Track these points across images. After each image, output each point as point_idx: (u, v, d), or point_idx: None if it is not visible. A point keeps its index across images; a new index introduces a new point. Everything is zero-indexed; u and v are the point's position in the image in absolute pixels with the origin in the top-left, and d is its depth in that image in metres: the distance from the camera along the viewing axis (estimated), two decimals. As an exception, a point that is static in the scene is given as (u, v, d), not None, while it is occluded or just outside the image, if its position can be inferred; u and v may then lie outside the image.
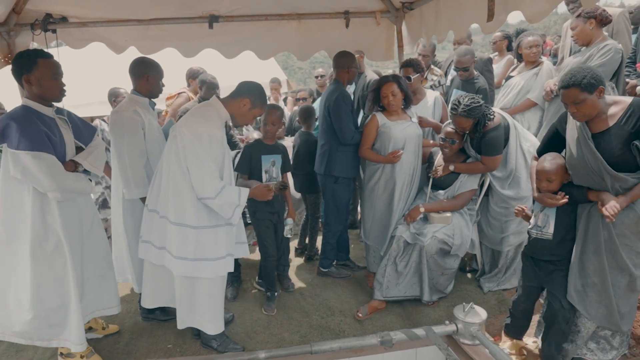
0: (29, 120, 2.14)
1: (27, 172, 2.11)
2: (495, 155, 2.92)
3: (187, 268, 2.40)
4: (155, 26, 3.59)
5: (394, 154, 2.99)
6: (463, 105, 2.76)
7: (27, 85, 2.18)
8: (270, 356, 2.18)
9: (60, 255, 2.28)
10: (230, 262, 2.49)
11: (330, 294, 3.30)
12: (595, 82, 1.95)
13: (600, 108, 2.01)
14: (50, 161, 2.14)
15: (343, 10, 3.82)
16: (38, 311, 2.30)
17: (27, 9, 3.19)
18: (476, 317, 2.34)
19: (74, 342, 2.36)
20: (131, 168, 2.56)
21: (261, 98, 2.46)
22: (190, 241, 2.37)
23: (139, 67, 2.66)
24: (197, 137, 2.26)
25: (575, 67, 2.04)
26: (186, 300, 2.51)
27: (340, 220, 3.44)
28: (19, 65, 2.15)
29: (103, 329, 2.83)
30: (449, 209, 3.00)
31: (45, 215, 2.24)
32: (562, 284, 2.28)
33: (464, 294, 3.20)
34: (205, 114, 2.37)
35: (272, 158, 3.01)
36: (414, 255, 2.93)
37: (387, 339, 2.25)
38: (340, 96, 3.18)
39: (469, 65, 3.70)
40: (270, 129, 3.00)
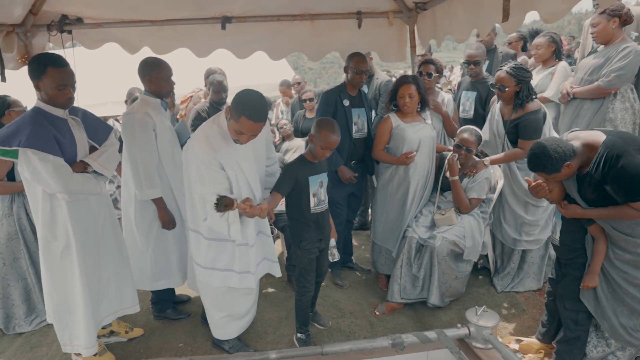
0: (38, 122, 2.16)
1: (35, 173, 2.14)
2: (534, 138, 2.82)
3: (200, 273, 2.46)
4: (168, 27, 3.62)
5: (406, 155, 2.98)
6: (511, 64, 2.82)
7: (37, 89, 2.22)
8: (282, 357, 2.18)
9: (70, 257, 2.30)
10: (247, 279, 2.44)
11: (340, 295, 3.29)
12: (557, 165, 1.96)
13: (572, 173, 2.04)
14: (56, 163, 2.15)
15: (355, 11, 3.80)
16: (52, 310, 2.35)
17: (44, 10, 3.23)
18: (489, 320, 2.31)
19: (83, 345, 2.38)
20: (143, 169, 2.58)
21: (236, 107, 2.12)
22: (203, 249, 2.41)
23: (141, 69, 2.68)
24: (187, 161, 2.28)
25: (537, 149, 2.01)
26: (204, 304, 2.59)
27: (336, 221, 3.40)
28: (31, 71, 2.19)
29: (126, 332, 2.84)
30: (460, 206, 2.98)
31: (55, 214, 2.26)
32: (568, 285, 2.30)
33: (476, 296, 3.17)
34: (203, 132, 2.27)
35: (319, 179, 2.53)
36: (426, 258, 2.91)
37: (399, 341, 2.23)
38: (324, 95, 3.30)
39: (479, 59, 3.64)
40: (326, 155, 2.46)
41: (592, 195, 2.05)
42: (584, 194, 2.08)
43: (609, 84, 3.15)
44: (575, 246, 2.27)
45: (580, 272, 2.26)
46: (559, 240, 2.32)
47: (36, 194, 2.25)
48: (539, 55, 3.69)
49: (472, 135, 2.94)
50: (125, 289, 2.60)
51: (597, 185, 2.00)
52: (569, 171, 2.01)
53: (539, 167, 2.03)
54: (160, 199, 2.65)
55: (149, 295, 3.06)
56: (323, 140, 2.38)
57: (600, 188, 1.99)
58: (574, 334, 2.29)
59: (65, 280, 2.33)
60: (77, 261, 2.30)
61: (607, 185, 1.95)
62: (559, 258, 2.41)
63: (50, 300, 2.37)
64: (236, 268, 2.41)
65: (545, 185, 2.14)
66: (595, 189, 2.01)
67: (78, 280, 2.32)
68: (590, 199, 2.07)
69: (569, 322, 2.30)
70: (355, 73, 3.14)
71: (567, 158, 1.96)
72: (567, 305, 2.30)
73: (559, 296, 2.35)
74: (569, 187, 2.14)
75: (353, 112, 3.20)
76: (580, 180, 2.07)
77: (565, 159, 1.96)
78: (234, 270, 2.41)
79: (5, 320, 2.96)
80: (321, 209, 2.55)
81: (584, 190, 2.07)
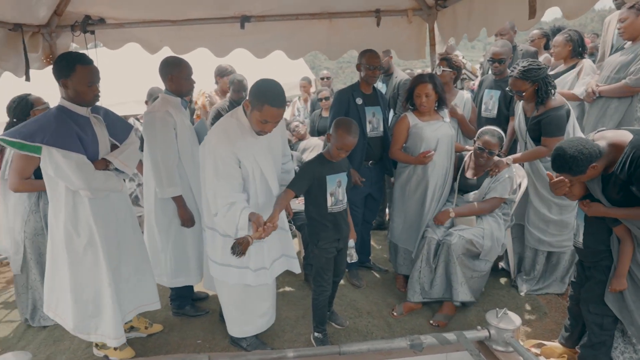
0: (62, 120, 2.21)
1: (59, 170, 2.18)
2: (557, 135, 2.77)
3: (216, 270, 2.46)
4: (188, 27, 3.66)
5: (424, 154, 2.94)
6: (520, 67, 2.74)
7: (63, 87, 2.26)
8: (299, 355, 2.17)
9: (93, 251, 2.34)
10: (263, 275, 2.44)
11: (358, 295, 3.27)
12: (582, 166, 1.92)
13: (597, 174, 1.99)
14: (79, 160, 2.19)
15: (374, 9, 3.77)
16: (77, 303, 2.38)
17: (68, 11, 3.30)
18: (510, 323, 2.26)
19: (111, 336, 2.41)
20: (164, 168, 2.61)
21: (257, 97, 2.12)
22: (219, 246, 2.41)
23: (162, 68, 2.71)
24: (205, 155, 2.26)
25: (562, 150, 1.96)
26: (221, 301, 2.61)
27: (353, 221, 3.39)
28: (59, 69, 2.23)
29: (146, 327, 2.88)
30: (478, 213, 2.92)
31: (78, 211, 2.30)
32: (592, 289, 2.24)
33: (496, 298, 3.12)
34: (221, 127, 2.28)
35: (338, 178, 2.49)
36: (443, 255, 2.87)
37: (417, 342, 2.20)
38: (337, 94, 3.31)
39: (505, 57, 3.56)
40: (342, 155, 2.45)
41: (617, 195, 1.99)
42: (608, 194, 2.03)
43: (637, 82, 3.05)
44: (600, 248, 2.20)
45: (605, 275, 2.20)
46: (582, 243, 2.25)
47: (59, 191, 2.30)
48: (557, 54, 3.66)
49: (494, 137, 2.89)
50: (145, 285, 2.63)
51: (622, 185, 1.94)
52: (594, 172, 1.96)
53: (563, 169, 1.98)
54: (180, 197, 2.68)
55: (168, 292, 3.09)
56: (339, 140, 2.36)
57: (626, 188, 1.93)
58: (599, 339, 2.23)
59: (91, 275, 2.37)
60: (102, 256, 2.34)
61: (632, 186, 1.90)
62: (581, 261, 2.35)
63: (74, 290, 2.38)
64: (251, 265, 2.40)
65: (567, 182, 2.09)
66: (621, 189, 1.96)
67: (105, 275, 2.36)
68: (615, 199, 2.01)
69: (593, 326, 2.24)
70: (368, 69, 3.12)
71: (592, 160, 1.91)
72: (591, 309, 2.24)
73: (583, 300, 2.29)
74: (592, 187, 2.08)
75: (367, 110, 3.17)
76: (605, 180, 2.02)
77: (591, 161, 1.91)
78: (249, 267, 2.40)
79: (32, 312, 3.04)
80: (339, 209, 2.52)
81: (608, 190, 2.02)
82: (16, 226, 2.91)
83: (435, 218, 2.97)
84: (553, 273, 3.10)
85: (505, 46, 3.59)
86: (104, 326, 2.42)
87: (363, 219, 3.44)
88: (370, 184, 3.25)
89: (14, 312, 3.35)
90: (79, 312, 2.40)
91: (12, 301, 3.58)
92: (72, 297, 2.37)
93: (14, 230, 2.93)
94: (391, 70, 4.25)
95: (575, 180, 2.03)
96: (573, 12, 2.27)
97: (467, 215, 2.93)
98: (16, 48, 3.08)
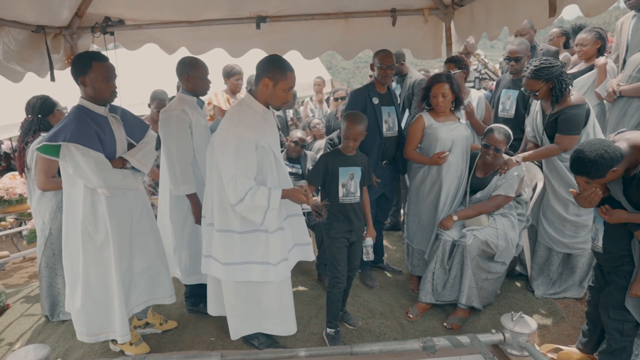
0: (82, 118, 2.26)
1: (77, 168, 2.23)
2: (572, 134, 2.70)
3: (236, 272, 2.35)
4: (205, 27, 3.71)
5: (439, 155, 2.91)
6: (532, 67, 2.70)
7: (82, 86, 2.31)
8: (311, 355, 2.17)
9: (107, 248, 2.38)
10: (284, 267, 2.40)
11: (371, 295, 3.26)
12: (602, 170, 1.87)
13: (617, 177, 1.94)
14: (97, 158, 2.24)
15: (390, 8, 3.76)
16: (86, 301, 2.41)
17: (89, 12, 3.38)
18: (526, 327, 2.22)
19: (119, 333, 2.45)
20: (179, 165, 2.64)
21: (278, 68, 2.21)
22: (236, 246, 2.33)
23: (179, 67, 2.76)
24: (223, 141, 2.20)
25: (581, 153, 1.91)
26: (240, 307, 2.47)
27: None
28: (76, 67, 2.28)
29: (161, 324, 2.92)
30: (482, 212, 2.88)
31: (96, 209, 2.34)
32: (612, 294, 2.18)
33: (512, 301, 3.06)
34: (236, 115, 2.27)
35: (350, 171, 2.59)
36: (457, 257, 2.83)
37: (430, 344, 2.18)
38: (352, 94, 3.29)
39: (522, 55, 3.47)
40: (351, 145, 2.57)
41: (639, 198, 1.93)
42: (630, 197, 1.97)
43: None
44: (621, 253, 2.14)
45: (626, 280, 2.14)
46: (602, 247, 2.19)
47: (77, 189, 2.34)
48: (584, 52, 3.48)
49: (500, 134, 2.84)
50: (159, 280, 2.67)
51: None
52: (614, 176, 1.91)
53: (582, 172, 1.94)
54: (194, 195, 2.71)
55: (182, 289, 3.13)
56: (346, 129, 2.49)
57: None
58: (619, 345, 2.17)
59: (102, 272, 2.41)
60: (113, 253, 2.38)
61: None
62: (600, 265, 2.29)
63: (86, 288, 2.41)
64: (272, 259, 2.34)
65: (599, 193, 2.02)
66: None
67: (113, 271, 2.40)
68: (637, 202, 1.96)
69: (613, 332, 2.18)
70: (381, 68, 3.11)
71: (613, 164, 1.86)
72: (611, 314, 2.18)
73: (603, 305, 2.23)
74: (613, 189, 2.03)
75: (383, 110, 3.16)
76: (627, 182, 1.96)
77: (612, 165, 1.86)
78: (270, 262, 2.34)
79: (51, 307, 3.12)
80: (350, 201, 2.58)
81: (631, 193, 1.96)
82: (41, 223, 3.00)
83: (439, 224, 2.95)
84: (570, 276, 3.03)
85: (522, 44, 3.51)
86: (111, 323, 2.46)
87: (375, 219, 3.42)
88: (384, 184, 3.24)
89: (34, 306, 3.45)
90: (88, 309, 2.42)
91: (34, 295, 3.68)
92: (82, 295, 2.40)
93: (40, 228, 3.01)
94: (405, 70, 4.22)
95: (593, 183, 1.98)
96: (593, 9, 2.21)
97: (472, 216, 2.89)
98: (39, 49, 3.17)
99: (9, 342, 2.98)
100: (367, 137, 3.12)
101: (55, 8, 3.07)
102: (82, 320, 2.45)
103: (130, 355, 2.60)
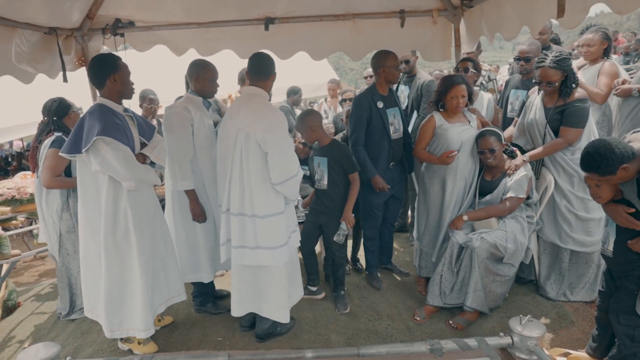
0: (109, 114, 2.32)
1: (105, 162, 2.26)
2: (578, 127, 2.71)
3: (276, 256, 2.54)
4: (214, 29, 3.73)
5: (447, 154, 2.90)
6: (551, 57, 2.69)
7: (112, 83, 2.35)
8: (317, 356, 2.18)
9: (129, 243, 2.41)
10: (295, 238, 2.73)
11: (378, 297, 3.25)
12: (612, 166, 1.83)
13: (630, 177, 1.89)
14: (126, 152, 2.30)
15: (398, 10, 3.75)
16: (106, 296, 2.44)
17: (99, 14, 3.42)
18: (534, 330, 2.20)
19: (139, 327, 2.48)
20: (178, 161, 2.67)
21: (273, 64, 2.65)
22: (283, 226, 2.54)
23: (190, 68, 2.81)
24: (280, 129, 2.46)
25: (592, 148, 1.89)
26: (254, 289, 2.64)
27: (372, 224, 3.37)
28: (106, 66, 2.35)
29: (159, 321, 2.95)
30: (495, 215, 2.86)
31: (117, 205, 2.38)
32: (622, 299, 2.14)
33: (520, 305, 3.03)
34: (268, 105, 2.60)
35: (317, 161, 3.06)
36: (466, 260, 2.82)
37: (437, 347, 2.17)
38: (356, 99, 3.24)
39: (532, 56, 3.42)
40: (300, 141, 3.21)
41: None
42: None
43: None
44: (632, 257, 2.11)
45: (637, 285, 2.10)
46: (612, 252, 2.16)
47: (98, 185, 2.37)
48: (591, 53, 3.37)
49: (489, 136, 2.85)
50: (172, 277, 2.69)
51: None
52: (626, 174, 1.88)
53: (592, 167, 1.91)
54: (193, 191, 2.72)
55: (190, 288, 3.15)
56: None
57: None
58: (629, 351, 2.14)
59: (122, 267, 2.43)
60: (135, 247, 2.41)
61: None
62: (610, 270, 2.26)
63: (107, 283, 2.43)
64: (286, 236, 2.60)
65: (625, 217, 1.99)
66: None
67: (137, 266, 2.42)
68: None
69: (624, 338, 2.15)
70: (395, 69, 3.12)
71: (624, 160, 1.83)
72: (622, 320, 2.14)
73: (613, 310, 2.20)
74: (627, 191, 2.00)
75: (388, 112, 3.15)
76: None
77: (622, 161, 1.84)
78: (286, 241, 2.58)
79: (69, 306, 3.14)
80: (319, 187, 3.07)
81: None
82: (51, 223, 3.03)
83: (450, 223, 2.94)
84: (582, 277, 2.99)
85: (532, 45, 3.47)
86: (132, 319, 2.48)
87: (384, 221, 3.42)
88: (393, 185, 3.23)
89: (45, 304, 3.49)
90: (109, 305, 2.45)
91: (45, 294, 3.73)
92: (105, 290, 2.43)
93: (50, 227, 3.05)
94: (414, 71, 4.21)
95: (604, 181, 1.95)
96: (625, 6, 2.15)
97: (483, 218, 2.87)
98: (51, 51, 3.20)
99: (19, 340, 3.02)
100: (376, 141, 3.13)
101: (66, 10, 3.11)
102: (105, 316, 2.47)
103: (138, 354, 2.62)
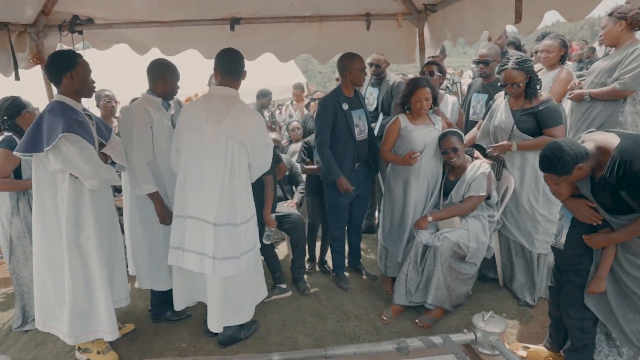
0: (69, 112, 2.23)
1: (67, 160, 2.17)
2: (559, 124, 2.78)
3: (254, 257, 2.59)
4: (178, 28, 3.65)
5: (410, 155, 2.95)
6: (513, 60, 2.78)
7: (68, 80, 2.26)
8: (285, 358, 2.16)
9: (89, 245, 2.34)
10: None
11: (345, 298, 3.27)
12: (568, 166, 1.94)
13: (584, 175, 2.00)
14: (90, 150, 2.24)
15: (364, 13, 3.80)
16: (71, 301, 2.34)
17: (56, 10, 3.27)
18: (496, 326, 2.27)
19: (106, 330, 2.40)
20: (137, 164, 2.58)
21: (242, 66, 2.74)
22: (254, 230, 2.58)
23: (158, 68, 2.71)
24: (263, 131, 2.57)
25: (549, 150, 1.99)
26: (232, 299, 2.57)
27: (338, 225, 3.39)
28: (63, 62, 2.26)
29: (120, 328, 2.82)
30: (457, 215, 2.93)
31: (79, 205, 2.30)
32: (570, 293, 2.24)
33: (483, 302, 3.12)
34: (249, 109, 2.65)
35: None
36: (430, 259, 2.87)
37: (404, 345, 2.20)
38: (321, 101, 3.26)
39: (491, 59, 3.54)
40: None
41: (610, 202, 1.99)
42: (601, 200, 2.03)
43: (624, 86, 3.09)
44: (580, 251, 2.20)
45: (583, 279, 2.20)
46: (563, 244, 2.24)
47: (57, 186, 2.26)
48: (549, 59, 3.52)
49: (450, 136, 2.93)
50: (120, 281, 2.63)
51: (612, 190, 1.94)
52: (581, 173, 1.97)
53: (549, 168, 2.00)
54: (157, 194, 2.65)
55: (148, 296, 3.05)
56: None
57: (617, 194, 1.94)
58: (581, 343, 2.24)
59: (85, 268, 2.35)
60: (95, 248, 2.34)
61: (622, 191, 1.91)
62: (558, 265, 2.34)
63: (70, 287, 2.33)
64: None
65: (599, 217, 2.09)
66: (611, 193, 1.96)
67: (96, 266, 2.35)
68: (608, 207, 2.01)
69: (575, 331, 2.25)
70: (361, 72, 3.14)
71: (578, 160, 1.93)
72: (571, 314, 2.24)
73: (562, 305, 2.29)
74: (582, 187, 2.10)
75: (353, 114, 3.17)
76: (595, 183, 2.03)
77: (577, 161, 1.93)
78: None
79: (22, 317, 2.98)
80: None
81: (600, 196, 2.03)
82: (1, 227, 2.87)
83: (415, 224, 2.99)
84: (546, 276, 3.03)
85: (492, 49, 3.60)
86: (100, 322, 2.40)
87: (350, 222, 3.44)
88: (358, 186, 3.25)
89: (-4, 315, 3.30)
90: (73, 309, 2.35)
91: (-5, 304, 3.52)
92: (69, 294, 2.33)
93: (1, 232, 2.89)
94: (384, 73, 4.27)
95: (561, 180, 2.04)
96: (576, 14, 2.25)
97: (446, 217, 2.93)
98: (3, 47, 3.04)
99: (-33, 354, 2.84)
100: (341, 142, 3.14)
101: (17, 4, 2.96)
102: (70, 322, 2.36)
103: (97, 365, 2.52)
